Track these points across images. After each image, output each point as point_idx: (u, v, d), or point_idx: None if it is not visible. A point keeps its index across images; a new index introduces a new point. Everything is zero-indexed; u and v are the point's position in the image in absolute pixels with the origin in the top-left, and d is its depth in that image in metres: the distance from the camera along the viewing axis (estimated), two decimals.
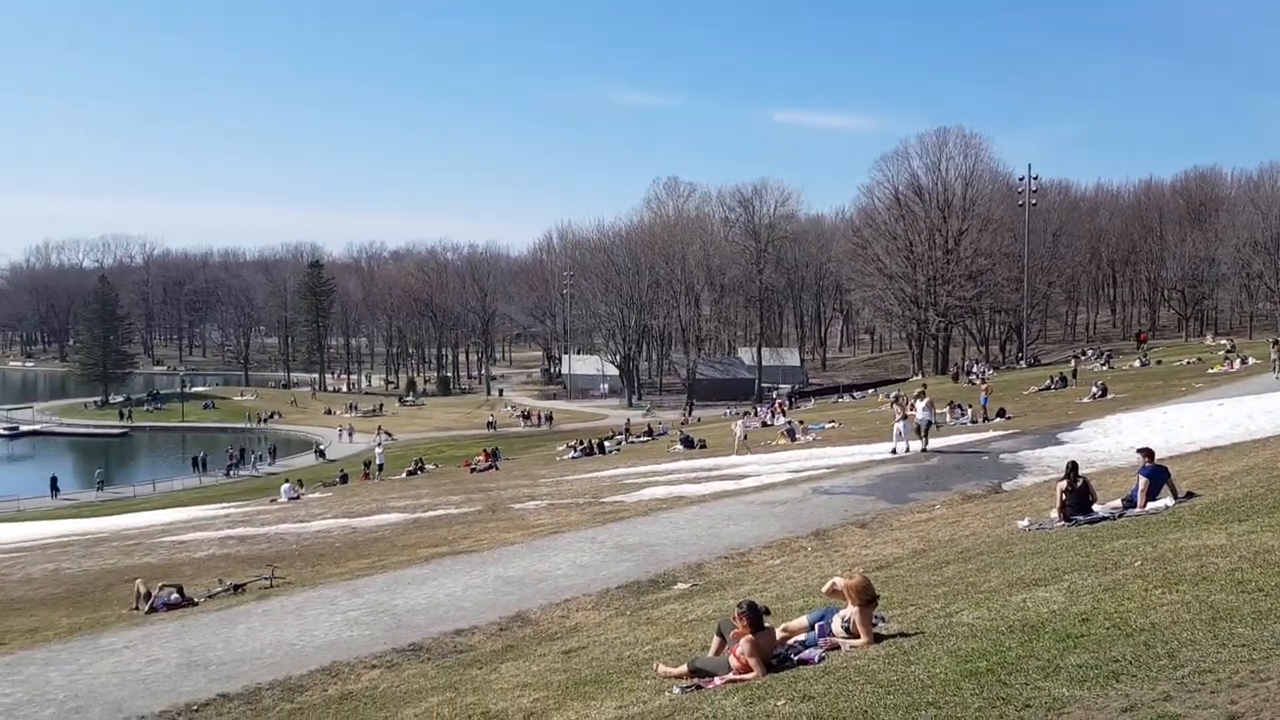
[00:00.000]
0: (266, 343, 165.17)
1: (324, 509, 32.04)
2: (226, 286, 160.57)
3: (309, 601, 14.16)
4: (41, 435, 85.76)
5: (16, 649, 13.08)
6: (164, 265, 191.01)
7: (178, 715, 9.60)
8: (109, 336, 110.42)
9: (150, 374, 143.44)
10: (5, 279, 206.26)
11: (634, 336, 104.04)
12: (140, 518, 39.00)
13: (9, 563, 25.96)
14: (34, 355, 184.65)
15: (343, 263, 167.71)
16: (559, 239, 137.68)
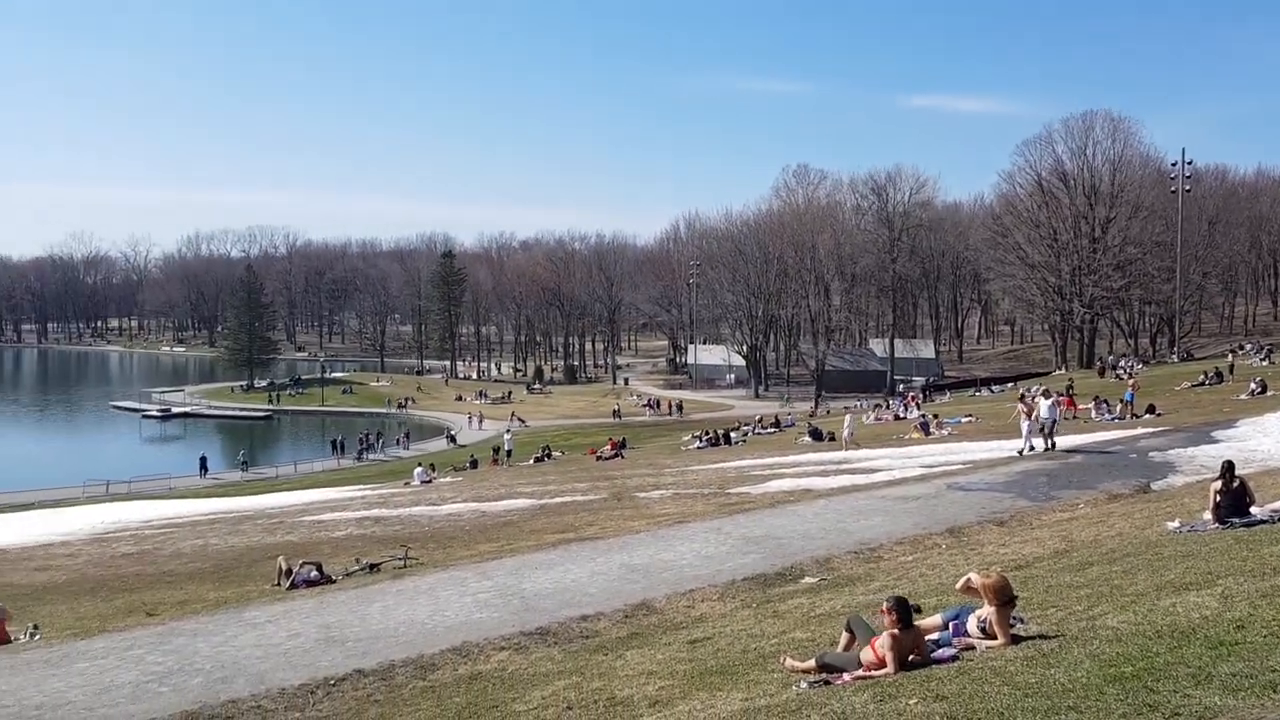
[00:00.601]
0: (401, 330, 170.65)
1: (455, 493, 32.97)
2: (364, 276, 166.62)
3: (440, 582, 14.60)
4: (191, 417, 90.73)
5: (168, 620, 13.90)
6: (306, 255, 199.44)
7: (316, 688, 10.03)
8: (254, 323, 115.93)
9: (292, 360, 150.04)
10: (159, 268, 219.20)
11: (761, 326, 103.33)
12: (282, 498, 40.91)
13: (161, 538, 27.64)
14: (185, 341, 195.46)
15: (474, 253, 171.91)
16: (686, 228, 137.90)
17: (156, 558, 23.16)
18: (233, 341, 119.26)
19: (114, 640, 12.55)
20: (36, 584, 20.21)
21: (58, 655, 11.93)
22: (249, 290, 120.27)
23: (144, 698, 10.00)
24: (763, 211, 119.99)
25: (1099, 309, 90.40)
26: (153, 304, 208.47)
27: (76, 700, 10.00)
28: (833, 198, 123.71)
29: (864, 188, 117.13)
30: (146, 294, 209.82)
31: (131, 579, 19.80)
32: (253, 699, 9.75)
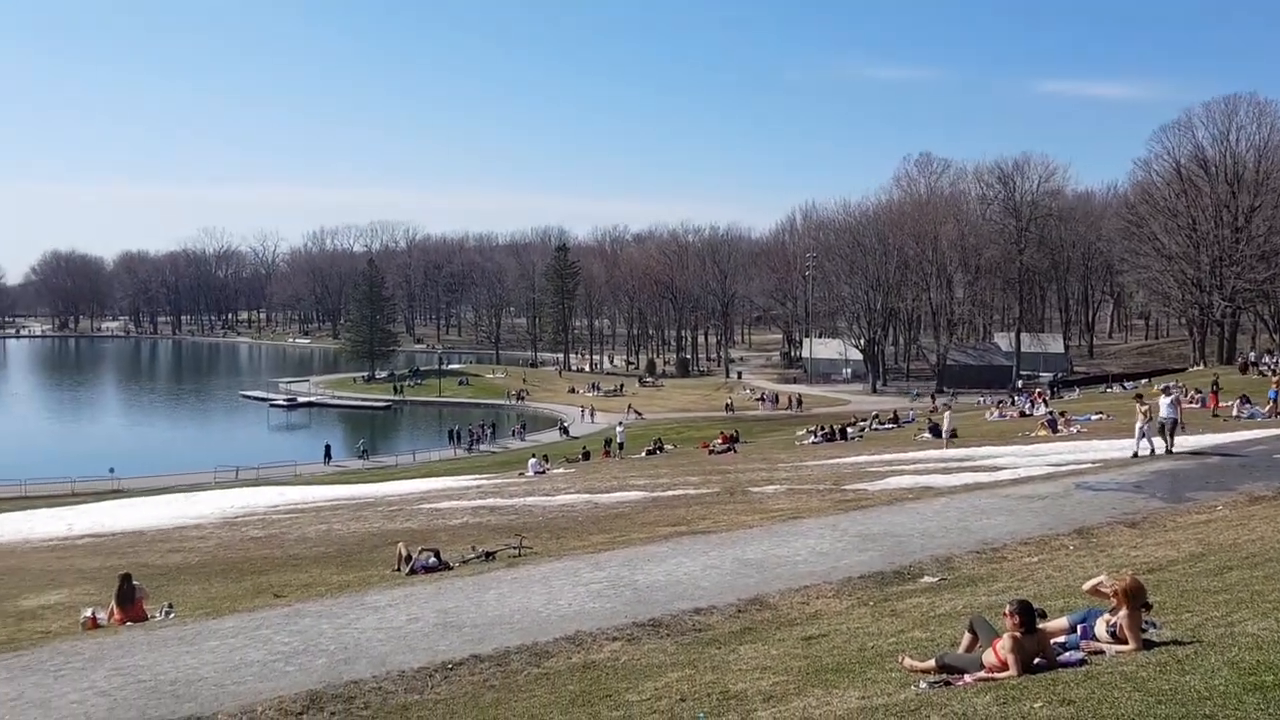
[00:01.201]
0: (515, 323, 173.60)
1: (568, 484, 33.41)
2: (480, 269, 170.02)
3: (554, 572, 14.82)
4: (316, 406, 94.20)
5: (294, 601, 14.47)
6: (424, 249, 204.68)
7: (434, 672, 10.32)
8: (375, 316, 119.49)
9: (411, 351, 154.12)
10: (286, 262, 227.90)
11: (880, 320, 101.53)
12: (401, 486, 42.13)
13: (287, 523, 28.79)
14: (310, 333, 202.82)
15: (587, 246, 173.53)
16: (802, 219, 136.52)
17: (283, 541, 24.13)
18: (354, 334, 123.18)
19: (243, 620, 13.14)
20: (171, 565, 21.29)
21: (191, 633, 12.55)
22: (370, 284, 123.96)
23: (271, 676, 10.45)
24: (882, 202, 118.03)
25: (1241, 302, 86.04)
26: (280, 297, 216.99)
27: (209, 676, 10.52)
28: (956, 187, 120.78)
29: (990, 176, 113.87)
30: (274, 287, 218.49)
31: (259, 561, 20.68)
32: (374, 680, 10.09)
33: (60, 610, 16.24)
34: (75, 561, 23.47)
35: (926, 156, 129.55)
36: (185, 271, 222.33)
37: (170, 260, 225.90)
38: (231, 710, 9.36)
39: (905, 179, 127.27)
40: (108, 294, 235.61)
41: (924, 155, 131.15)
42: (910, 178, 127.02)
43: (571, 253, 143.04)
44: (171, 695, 9.91)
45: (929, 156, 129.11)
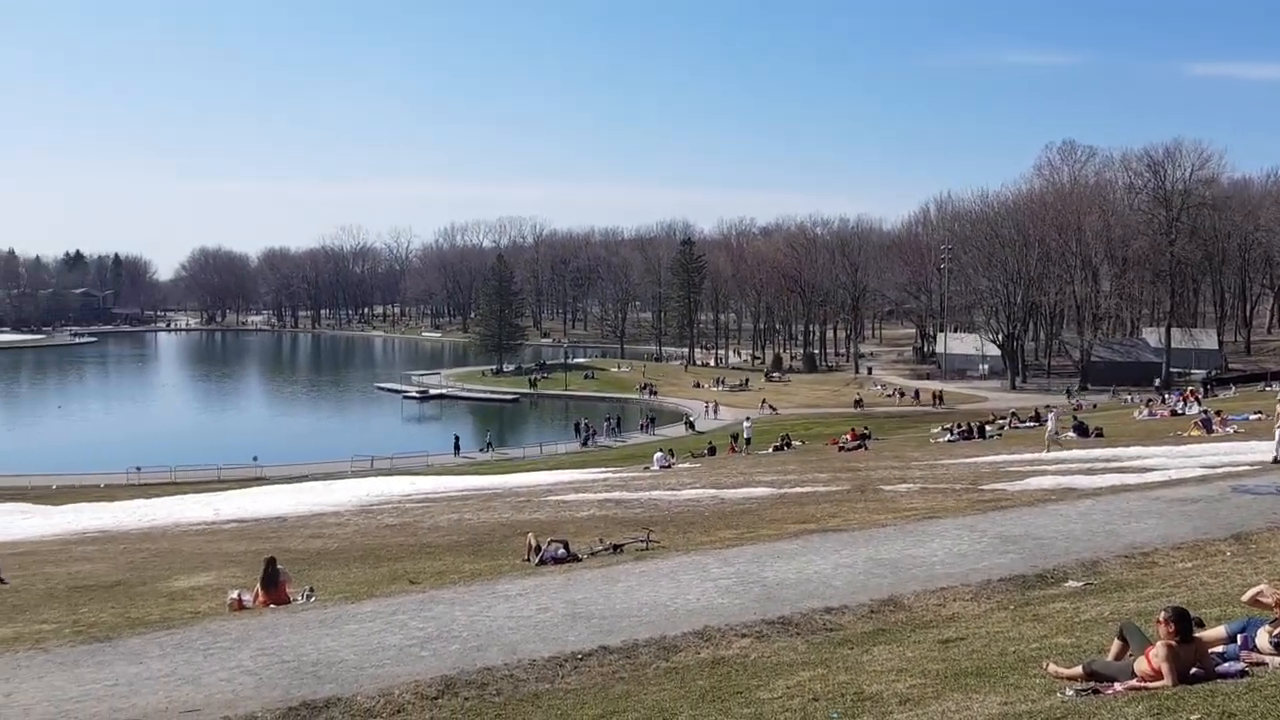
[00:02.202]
0: (641, 317, 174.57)
1: (693, 479, 33.46)
2: (606, 264, 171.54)
3: (681, 566, 14.86)
4: (446, 399, 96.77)
5: (428, 588, 14.90)
6: (551, 244, 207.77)
7: (564, 662, 10.48)
8: (504, 310, 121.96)
9: (538, 345, 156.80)
10: (418, 258, 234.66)
11: (1019, 314, 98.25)
12: (528, 477, 42.95)
13: (420, 511, 29.70)
14: (441, 327, 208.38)
15: (713, 240, 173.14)
16: (936, 210, 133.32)
17: (417, 530, 24.89)
18: (484, 328, 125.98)
19: (380, 605, 13.60)
20: (311, 550, 22.19)
21: (331, 616, 13.06)
22: (499, 279, 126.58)
23: (407, 660, 10.79)
24: (1023, 192, 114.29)
25: None
26: (413, 292, 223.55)
27: (348, 659, 10.92)
28: (1102, 176, 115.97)
29: (1138, 164, 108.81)
30: (407, 283, 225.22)
31: (394, 549, 21.38)
32: (505, 668, 10.31)
33: (208, 591, 17.10)
34: (222, 545, 24.71)
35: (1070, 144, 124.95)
36: (324, 268, 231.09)
37: (310, 257, 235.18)
38: (370, 692, 9.69)
39: (1047, 167, 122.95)
40: (252, 289, 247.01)
41: (1067, 143, 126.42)
42: (1052, 166, 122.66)
43: (697, 247, 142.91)
44: (313, 676, 10.32)
45: (1072, 144, 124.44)
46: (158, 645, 11.89)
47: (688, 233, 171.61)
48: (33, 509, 40.62)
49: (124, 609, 15.72)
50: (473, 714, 9.17)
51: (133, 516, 35.55)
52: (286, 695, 9.69)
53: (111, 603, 16.49)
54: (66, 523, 34.83)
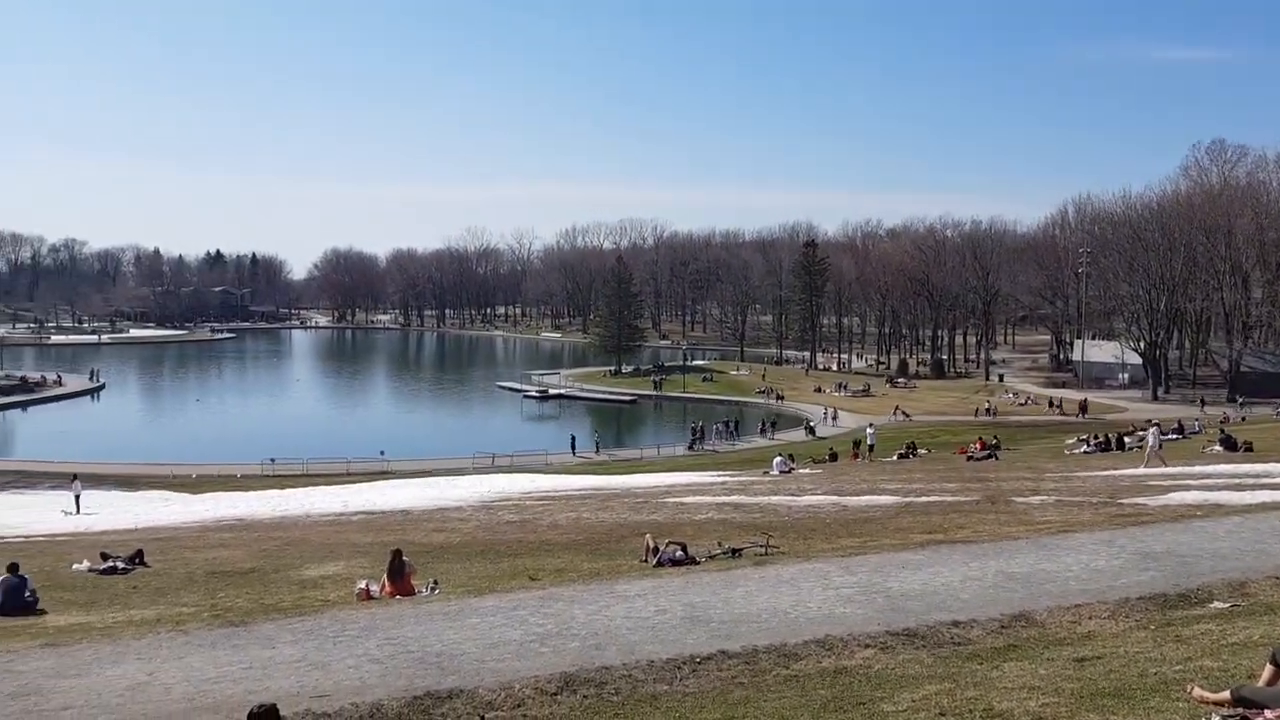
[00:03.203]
0: (761, 320, 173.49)
1: (814, 485, 33.10)
2: (726, 266, 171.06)
3: (802, 573, 14.72)
4: (566, 399, 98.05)
5: (547, 585, 15.13)
6: (671, 246, 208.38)
7: (683, 664, 10.50)
8: (623, 312, 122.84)
9: (656, 347, 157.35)
10: (540, 259, 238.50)
11: (1163, 321, 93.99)
12: (646, 478, 43.17)
13: (539, 509, 30.18)
14: (561, 327, 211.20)
15: (837, 242, 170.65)
16: (1075, 212, 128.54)
17: (536, 527, 25.30)
18: (603, 329, 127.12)
19: (501, 600, 13.87)
20: (435, 544, 22.79)
21: (454, 609, 13.39)
22: (619, 280, 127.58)
23: (527, 656, 10.98)
24: (1168, 193, 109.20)
25: None
26: (534, 292, 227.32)
27: (470, 652, 11.18)
28: (1254, 176, 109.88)
29: None
30: (529, 283, 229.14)
31: (514, 545, 21.78)
32: (624, 668, 10.39)
33: (337, 581, 17.73)
34: (350, 536, 25.58)
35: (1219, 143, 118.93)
36: (449, 268, 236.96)
37: (436, 258, 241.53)
38: (491, 686, 9.90)
39: (1194, 168, 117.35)
40: (380, 289, 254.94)
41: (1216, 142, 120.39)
42: (1200, 166, 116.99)
43: (820, 248, 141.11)
44: (437, 667, 10.60)
45: (1222, 143, 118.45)
46: (289, 631, 12.39)
47: (811, 234, 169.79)
48: (174, 497, 42.90)
49: (258, 595, 16.44)
50: (591, 712, 9.27)
51: (266, 506, 37.17)
52: (411, 685, 9.98)
53: (246, 588, 17.26)
54: (205, 510, 36.65)
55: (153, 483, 47.66)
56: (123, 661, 11.18)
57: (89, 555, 21.29)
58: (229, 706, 9.38)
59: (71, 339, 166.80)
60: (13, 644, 12.43)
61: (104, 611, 15.53)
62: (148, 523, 33.18)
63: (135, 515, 36.05)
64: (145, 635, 12.55)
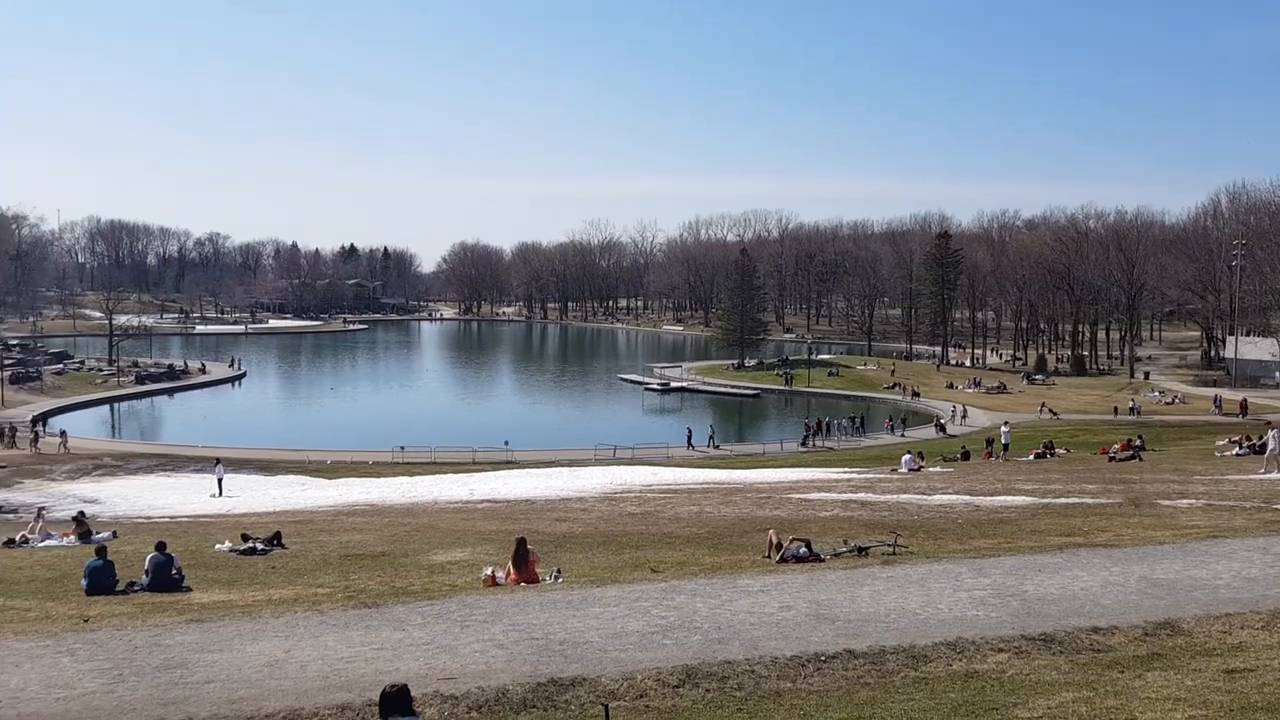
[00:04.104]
0: (890, 314, 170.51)
1: (945, 483, 32.38)
2: (854, 258, 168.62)
3: (932, 574, 14.44)
4: (687, 392, 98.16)
5: (669, 578, 15.20)
6: (797, 238, 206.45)
7: (807, 662, 10.43)
8: (746, 305, 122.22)
9: (780, 340, 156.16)
10: (662, 252, 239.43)
11: None
12: (769, 474, 42.92)
13: (661, 502, 30.33)
14: (683, 320, 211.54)
15: (972, 233, 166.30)
16: (1228, 202, 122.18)
17: (657, 519, 25.45)
18: (726, 322, 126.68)
19: (623, 591, 14.02)
20: (558, 533, 23.15)
21: (577, 598, 13.59)
22: (742, 273, 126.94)
23: (650, 647, 11.07)
24: None
25: None
26: (656, 285, 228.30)
27: (593, 640, 11.34)
28: None
29: None
30: (651, 276, 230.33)
31: (636, 537, 21.95)
32: (746, 663, 10.38)
33: (464, 567, 18.18)
34: (476, 523, 26.21)
35: None
36: (572, 261, 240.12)
37: (559, 251, 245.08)
38: (614, 675, 10.02)
39: None
40: (505, 282, 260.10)
41: None
42: None
43: (954, 240, 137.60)
44: (560, 655, 10.79)
45: None
46: (419, 614, 12.79)
47: (944, 225, 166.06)
48: (310, 482, 44.68)
49: (389, 578, 17.00)
50: (714, 706, 9.29)
51: (397, 492, 38.40)
52: (535, 671, 10.18)
53: (378, 572, 17.87)
54: (339, 495, 38.07)
55: (290, 468, 49.73)
56: (262, 638, 11.72)
57: (230, 536, 22.37)
58: (361, 685, 9.74)
59: (215, 329, 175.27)
60: (161, 619, 13.16)
61: (244, 590, 16.30)
62: (285, 506, 34.67)
63: (273, 499, 37.71)
64: (283, 614, 13.12)
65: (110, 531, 24.90)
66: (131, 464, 50.14)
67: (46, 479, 44.30)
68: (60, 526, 25.70)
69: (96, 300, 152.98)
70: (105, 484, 43.03)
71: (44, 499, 36.77)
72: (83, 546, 22.42)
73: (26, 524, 26.32)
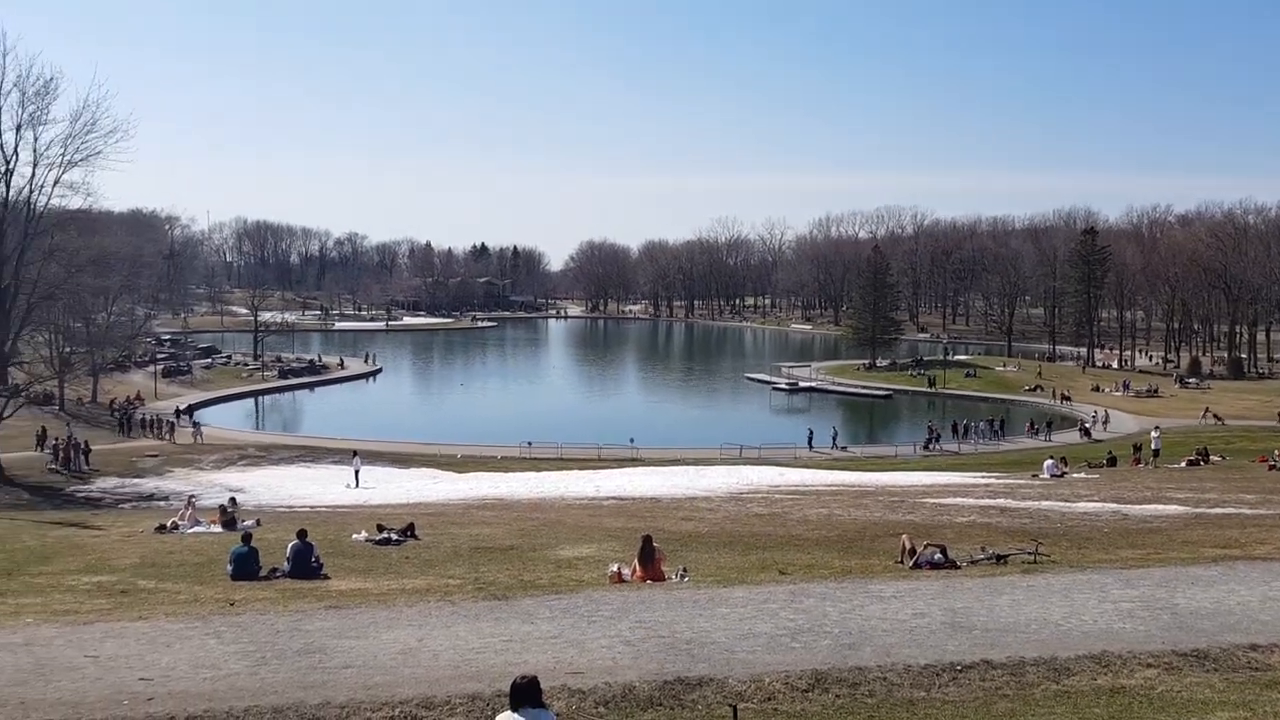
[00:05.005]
0: (1031, 313, 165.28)
1: (1090, 490, 31.22)
2: (993, 255, 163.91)
3: (1076, 584, 13.95)
4: (816, 392, 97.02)
5: (798, 580, 15.07)
6: (933, 235, 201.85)
7: (942, 671, 10.19)
8: (878, 303, 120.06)
9: (914, 340, 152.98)
10: (791, 250, 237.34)
11: None
12: (901, 476, 42.10)
13: (789, 503, 30.07)
14: (811, 319, 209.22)
15: (1120, 229, 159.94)
16: None
17: (785, 521, 25.23)
18: (857, 321, 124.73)
19: (750, 592, 13.95)
20: (683, 532, 23.18)
21: (704, 598, 13.59)
22: (874, 270, 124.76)
23: (778, 649, 10.99)
24: None
25: None
26: (784, 284, 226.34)
27: (720, 641, 11.32)
28: None
29: None
30: (779, 274, 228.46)
31: (762, 538, 21.82)
32: (879, 670, 10.20)
33: (590, 563, 18.39)
34: (602, 520, 26.47)
35: None
36: (699, 259, 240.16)
37: (686, 249, 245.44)
38: (742, 677, 9.98)
39: None
40: (632, 279, 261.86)
41: None
42: None
43: (1100, 236, 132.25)
44: (687, 654, 10.81)
45: None
46: (546, 608, 12.99)
47: (1089, 221, 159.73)
48: (441, 475, 45.92)
49: (517, 571, 17.32)
50: (844, 712, 9.17)
51: (524, 487, 39.12)
52: (661, 669, 10.22)
53: (507, 564, 18.23)
54: (469, 489, 39.01)
55: (422, 461, 51.17)
56: (396, 626, 12.09)
57: (366, 526, 23.15)
58: (491, 676, 9.95)
59: (353, 325, 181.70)
60: (301, 605, 13.72)
61: (379, 579, 16.85)
62: (418, 498, 35.70)
63: (407, 491, 38.88)
64: (416, 603, 13.51)
65: (254, 520, 26.07)
66: (274, 455, 52.44)
67: (195, 468, 46.72)
68: (208, 514, 27.06)
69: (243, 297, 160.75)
70: (249, 474, 45.13)
71: (192, 488, 38.84)
72: (228, 533, 23.56)
73: (177, 511, 27.86)
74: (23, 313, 45.15)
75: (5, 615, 13.58)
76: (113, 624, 12.47)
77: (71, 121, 42.77)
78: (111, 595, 15.59)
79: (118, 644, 11.40)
